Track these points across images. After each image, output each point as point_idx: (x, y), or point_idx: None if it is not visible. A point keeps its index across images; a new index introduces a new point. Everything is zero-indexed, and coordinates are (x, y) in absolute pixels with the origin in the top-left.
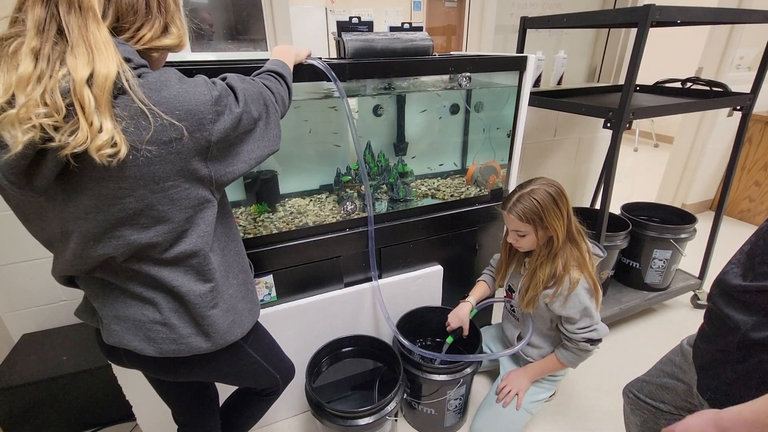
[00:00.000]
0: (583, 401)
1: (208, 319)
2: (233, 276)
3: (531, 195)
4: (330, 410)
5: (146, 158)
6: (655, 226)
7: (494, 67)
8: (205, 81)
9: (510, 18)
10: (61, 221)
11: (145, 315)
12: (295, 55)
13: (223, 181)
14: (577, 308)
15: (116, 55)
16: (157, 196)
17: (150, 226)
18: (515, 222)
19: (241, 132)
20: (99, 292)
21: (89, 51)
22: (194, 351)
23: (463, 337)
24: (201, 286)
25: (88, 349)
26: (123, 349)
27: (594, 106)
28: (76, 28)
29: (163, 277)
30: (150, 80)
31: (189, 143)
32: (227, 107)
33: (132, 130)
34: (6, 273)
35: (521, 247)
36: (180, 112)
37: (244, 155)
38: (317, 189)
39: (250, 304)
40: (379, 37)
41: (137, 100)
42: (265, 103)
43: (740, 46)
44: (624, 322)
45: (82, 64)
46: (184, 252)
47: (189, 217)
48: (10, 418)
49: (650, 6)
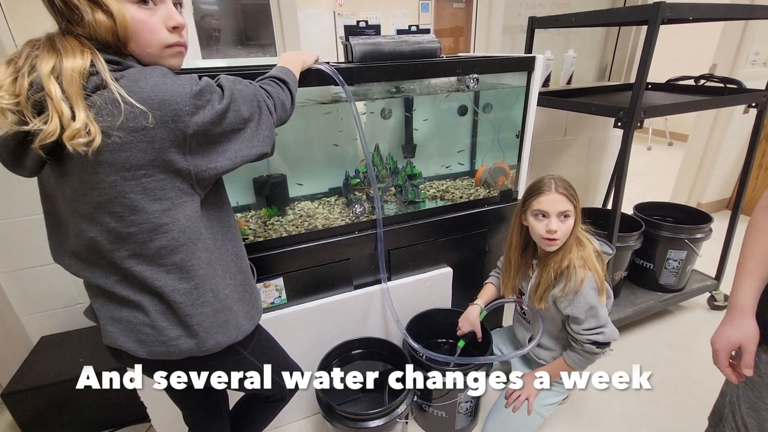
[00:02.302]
0: (597, 404)
1: (195, 318)
2: (230, 276)
3: (558, 177)
4: (340, 412)
5: (116, 144)
6: (669, 226)
7: (502, 68)
8: (190, 78)
9: (518, 18)
10: (63, 202)
11: (135, 317)
12: (302, 61)
13: (204, 177)
14: (583, 308)
15: (85, 55)
16: (130, 184)
17: (125, 215)
18: (563, 202)
19: (228, 130)
20: (98, 294)
21: (57, 53)
22: (185, 353)
23: (477, 341)
24: (184, 284)
25: (104, 351)
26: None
27: (604, 106)
28: (45, 40)
29: (146, 277)
30: (131, 73)
31: (162, 133)
32: (209, 102)
33: (104, 117)
34: (25, 277)
35: (559, 237)
36: (153, 102)
37: (230, 153)
38: (326, 192)
39: (248, 307)
40: (387, 41)
41: (114, 90)
42: (258, 106)
43: (755, 42)
44: (639, 324)
45: (47, 61)
46: (165, 247)
47: (165, 209)
48: (28, 419)
49: (661, 3)
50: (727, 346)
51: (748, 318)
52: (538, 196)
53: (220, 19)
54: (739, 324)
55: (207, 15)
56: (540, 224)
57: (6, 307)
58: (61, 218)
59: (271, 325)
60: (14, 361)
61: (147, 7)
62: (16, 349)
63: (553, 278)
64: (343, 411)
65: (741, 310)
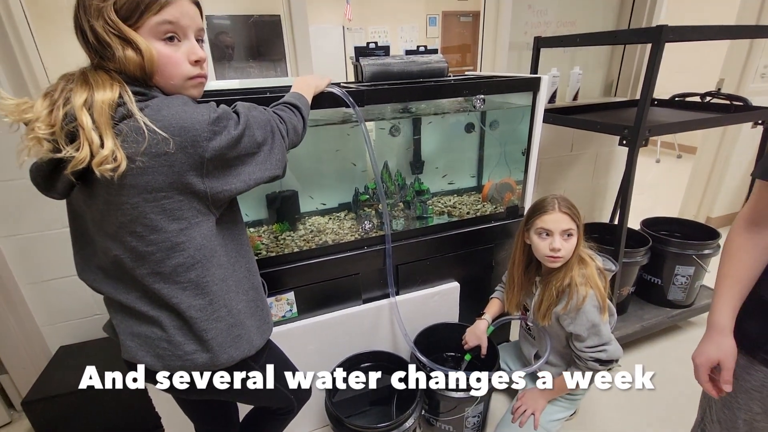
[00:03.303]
0: (605, 420)
1: (210, 332)
2: (243, 292)
3: (563, 197)
4: (349, 425)
5: (140, 168)
6: (676, 242)
7: (508, 89)
8: (208, 105)
9: (524, 36)
10: (90, 222)
11: (153, 332)
12: (314, 86)
13: (219, 198)
14: (585, 325)
15: (115, 88)
16: (150, 205)
17: (145, 234)
18: (566, 220)
19: (242, 153)
20: (118, 310)
21: (90, 87)
22: (200, 367)
23: (481, 356)
24: (199, 300)
25: (120, 361)
26: (139, 364)
27: (609, 124)
28: (78, 74)
29: (164, 294)
30: (154, 103)
31: (182, 157)
32: (225, 128)
33: (129, 143)
34: (45, 288)
35: (562, 255)
36: (174, 128)
37: (244, 176)
38: (336, 207)
39: (259, 322)
40: (395, 61)
41: (139, 119)
42: (272, 130)
43: (764, 56)
44: (647, 340)
45: (81, 94)
46: (181, 264)
47: (182, 228)
48: (46, 427)
49: (663, 27)
50: (707, 363)
51: (726, 336)
52: (542, 215)
53: (234, 36)
54: (718, 342)
55: (221, 33)
56: (544, 242)
57: (27, 317)
58: (88, 237)
59: (282, 338)
60: (33, 370)
61: (172, 44)
62: (36, 358)
63: (555, 296)
64: (351, 423)
65: (719, 329)
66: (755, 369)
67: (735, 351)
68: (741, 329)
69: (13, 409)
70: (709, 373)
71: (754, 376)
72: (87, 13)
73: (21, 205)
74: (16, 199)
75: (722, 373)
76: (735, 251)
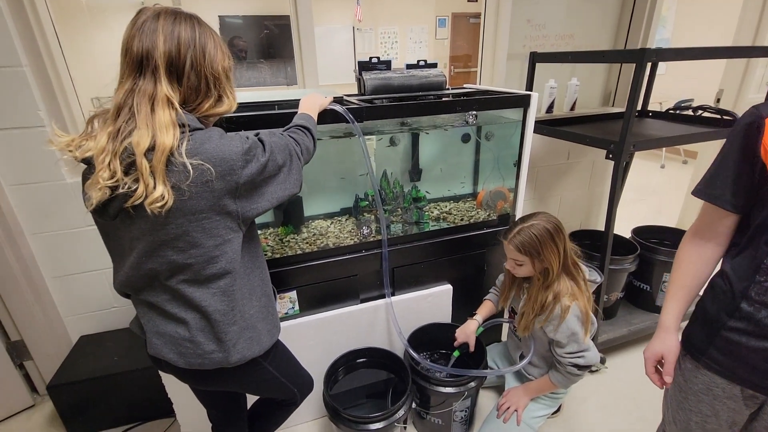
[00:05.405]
0: (591, 420)
1: (228, 335)
2: (256, 299)
3: (530, 229)
4: (345, 415)
5: (186, 196)
6: (665, 250)
7: (499, 105)
8: (240, 137)
9: (522, 49)
10: (128, 239)
11: (178, 333)
12: (320, 105)
13: (248, 216)
14: (565, 333)
15: (174, 132)
16: (193, 225)
17: (186, 249)
18: (514, 252)
19: (267, 176)
20: (146, 311)
21: (152, 130)
22: (216, 365)
23: (469, 352)
24: (224, 305)
25: (137, 350)
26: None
27: (597, 138)
28: (143, 113)
29: (195, 298)
30: (197, 137)
31: (221, 184)
32: (255, 157)
33: (176, 176)
34: (68, 282)
35: (518, 274)
36: (216, 159)
37: (268, 195)
38: (338, 212)
39: (269, 326)
40: (396, 75)
41: (185, 158)
42: (290, 153)
43: (759, 67)
44: (635, 344)
45: (144, 139)
46: (215, 273)
47: (218, 244)
48: (68, 410)
49: (645, 50)
50: (653, 356)
51: (671, 334)
52: (503, 238)
53: (247, 41)
54: (663, 338)
55: (235, 37)
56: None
57: (51, 308)
58: (120, 251)
59: (284, 333)
60: (57, 358)
61: None
62: (59, 346)
63: (540, 308)
64: (347, 414)
65: (665, 327)
66: (701, 373)
67: (677, 347)
68: (688, 336)
69: (36, 393)
70: (655, 366)
71: (700, 379)
72: (207, 62)
73: (49, 205)
74: (44, 200)
75: (665, 365)
76: (682, 260)
